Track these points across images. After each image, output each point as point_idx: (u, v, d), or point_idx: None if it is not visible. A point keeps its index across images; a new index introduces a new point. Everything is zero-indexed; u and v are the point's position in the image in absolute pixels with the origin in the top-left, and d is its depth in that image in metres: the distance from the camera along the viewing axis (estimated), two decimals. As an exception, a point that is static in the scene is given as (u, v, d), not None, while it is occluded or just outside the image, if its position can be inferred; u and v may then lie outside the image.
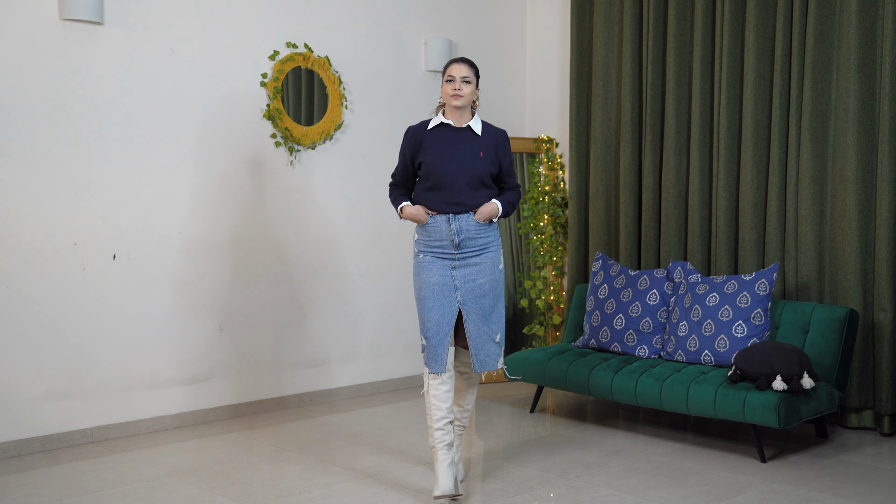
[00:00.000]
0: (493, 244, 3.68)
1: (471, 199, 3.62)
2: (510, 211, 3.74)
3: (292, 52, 5.00)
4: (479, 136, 3.68)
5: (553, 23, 5.99)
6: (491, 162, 3.66)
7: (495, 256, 3.68)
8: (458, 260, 3.62)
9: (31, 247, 4.17)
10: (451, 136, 3.66)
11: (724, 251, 4.97)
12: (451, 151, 3.64)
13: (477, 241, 3.64)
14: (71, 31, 4.25)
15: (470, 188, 3.62)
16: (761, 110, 4.82)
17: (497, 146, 3.70)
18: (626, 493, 3.62)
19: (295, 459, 4.08)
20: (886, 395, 4.39)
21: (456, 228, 3.60)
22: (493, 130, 3.74)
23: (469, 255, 3.63)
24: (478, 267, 3.63)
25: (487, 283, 3.63)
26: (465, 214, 3.62)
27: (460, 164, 3.61)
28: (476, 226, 3.63)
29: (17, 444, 4.15)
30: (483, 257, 3.65)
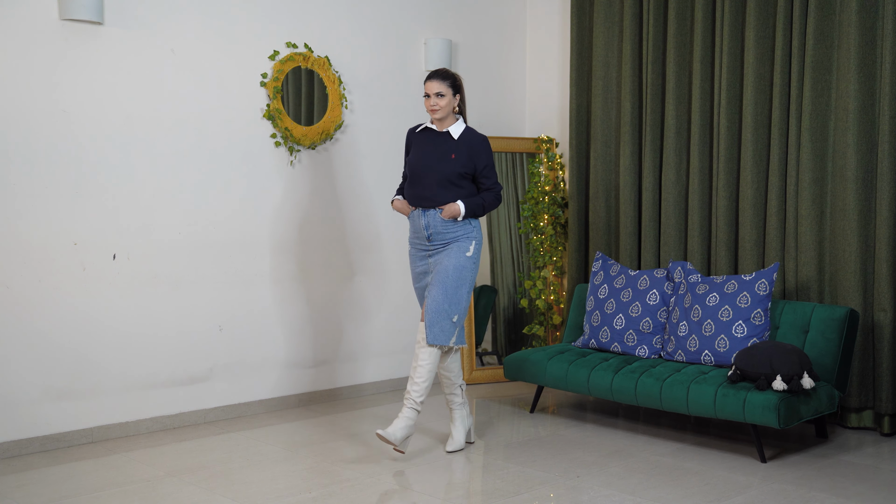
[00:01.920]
0: (463, 237, 4.07)
1: (438, 197, 4.07)
2: (479, 211, 4.10)
3: (292, 52, 5.00)
4: (454, 140, 4.10)
5: (553, 23, 5.99)
6: (463, 164, 4.06)
7: (463, 245, 4.06)
8: (431, 251, 4.11)
9: (31, 247, 4.17)
10: (432, 139, 4.14)
11: (724, 251, 4.97)
12: (428, 152, 4.12)
13: (446, 236, 4.08)
14: (71, 31, 4.25)
15: (439, 186, 4.06)
16: (761, 110, 4.82)
17: (472, 150, 4.09)
18: (626, 493, 3.62)
19: (295, 459, 4.08)
20: (886, 395, 4.39)
21: (425, 223, 4.10)
22: (471, 135, 4.12)
23: (440, 247, 4.09)
24: (445, 251, 4.08)
25: (451, 265, 4.02)
26: (434, 210, 4.08)
27: (433, 164, 4.08)
28: (442, 222, 4.07)
29: (17, 444, 4.15)
30: (454, 244, 4.07)
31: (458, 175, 4.07)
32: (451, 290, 4.01)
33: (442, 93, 4.05)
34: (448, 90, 4.06)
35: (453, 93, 4.08)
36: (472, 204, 4.08)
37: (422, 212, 4.11)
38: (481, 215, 4.15)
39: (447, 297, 4.00)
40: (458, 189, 4.08)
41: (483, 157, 4.11)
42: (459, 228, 4.08)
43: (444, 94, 4.05)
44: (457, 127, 4.13)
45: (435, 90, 4.05)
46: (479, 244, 4.12)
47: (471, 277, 4.08)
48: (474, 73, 5.88)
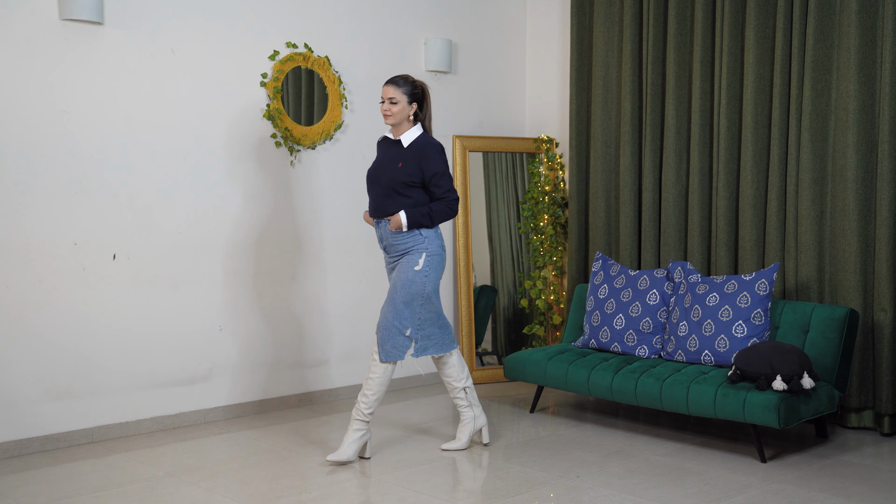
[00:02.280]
0: (414, 248, 3.98)
1: (386, 207, 4.01)
2: (426, 221, 3.98)
3: (292, 52, 5.00)
4: (404, 148, 4.01)
5: (553, 23, 5.99)
6: (409, 172, 3.95)
7: (413, 259, 3.97)
8: (390, 262, 4.08)
9: (31, 247, 4.17)
10: (387, 148, 4.09)
11: (724, 251, 4.97)
12: (380, 161, 4.08)
13: (398, 247, 4.01)
14: (71, 31, 4.25)
15: (385, 197, 4.00)
16: (761, 110, 4.82)
17: (421, 157, 3.97)
18: (626, 493, 3.62)
19: (295, 459, 4.08)
20: (886, 395, 4.39)
21: (379, 235, 4.07)
22: (422, 142, 4.01)
23: (396, 257, 4.04)
24: (399, 265, 4.02)
25: (400, 281, 3.97)
26: (385, 221, 4.03)
27: (380, 174, 4.03)
28: (392, 233, 4.00)
29: (17, 444, 4.15)
30: (405, 258, 4.00)
31: (403, 184, 3.96)
32: (399, 305, 3.95)
33: (395, 99, 3.97)
34: (402, 97, 3.97)
35: (409, 100, 3.99)
36: (416, 214, 3.95)
37: (377, 223, 4.06)
38: (430, 226, 4.00)
39: (396, 313, 3.95)
40: (403, 198, 3.97)
41: (433, 164, 3.97)
42: (409, 240, 3.98)
43: (397, 100, 3.97)
44: (409, 134, 4.03)
45: (388, 95, 3.98)
46: (431, 256, 4.00)
47: (421, 292, 3.98)
48: (474, 73, 5.88)
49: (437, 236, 4.05)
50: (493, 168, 5.89)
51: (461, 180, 5.70)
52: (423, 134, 4.05)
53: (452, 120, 5.77)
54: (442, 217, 4.01)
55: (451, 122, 5.77)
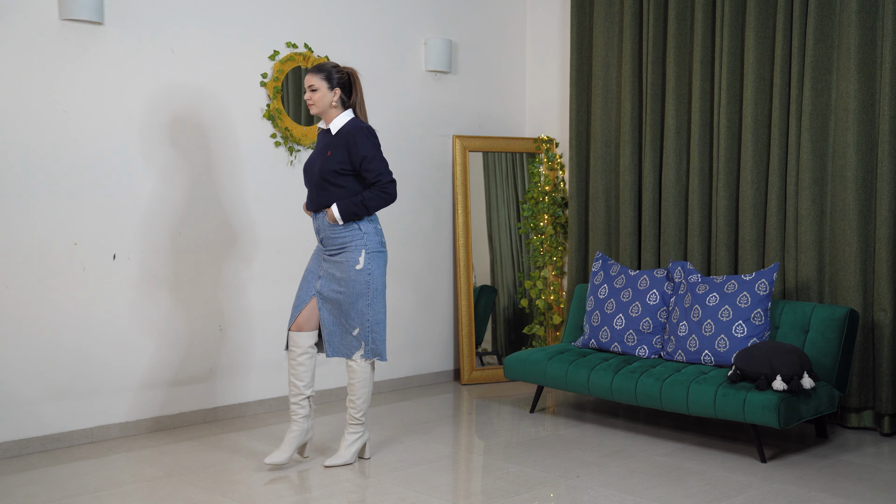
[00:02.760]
0: (351, 244, 3.84)
1: (320, 198, 3.86)
2: (360, 211, 3.81)
3: (292, 52, 5.00)
4: (333, 136, 3.87)
5: (553, 23, 5.99)
6: (339, 160, 3.80)
7: (352, 257, 3.84)
8: (325, 254, 3.91)
9: (31, 247, 4.17)
10: (320, 139, 3.95)
11: (724, 251, 4.97)
12: (314, 153, 3.95)
13: (335, 241, 3.86)
14: (71, 31, 4.25)
15: (318, 188, 3.86)
16: (761, 110, 4.82)
17: (349, 143, 3.80)
18: (626, 493, 3.62)
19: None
20: (886, 395, 4.39)
21: (316, 227, 3.92)
22: (351, 127, 3.84)
23: (333, 252, 3.88)
24: (337, 264, 3.86)
25: (344, 280, 3.84)
26: (322, 214, 3.88)
27: (312, 165, 3.90)
28: (329, 226, 3.86)
29: (17, 444, 4.15)
30: (342, 256, 3.86)
31: (334, 173, 3.80)
32: (345, 306, 3.84)
33: (314, 86, 3.82)
34: (322, 83, 3.82)
35: (329, 86, 3.82)
36: (348, 206, 3.79)
37: (314, 215, 3.93)
38: (367, 214, 3.84)
39: (342, 313, 3.86)
40: (336, 188, 3.81)
41: (361, 147, 3.78)
42: (346, 234, 3.84)
43: (316, 87, 3.82)
44: (338, 121, 3.87)
45: (308, 84, 3.84)
46: (371, 252, 3.86)
47: (366, 290, 3.85)
48: (474, 73, 5.88)
49: (377, 232, 3.90)
50: (493, 168, 5.89)
51: (461, 180, 5.70)
52: (353, 119, 3.88)
53: (452, 120, 5.78)
54: (377, 204, 3.82)
55: (451, 122, 5.77)
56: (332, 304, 3.87)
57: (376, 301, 3.89)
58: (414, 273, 5.60)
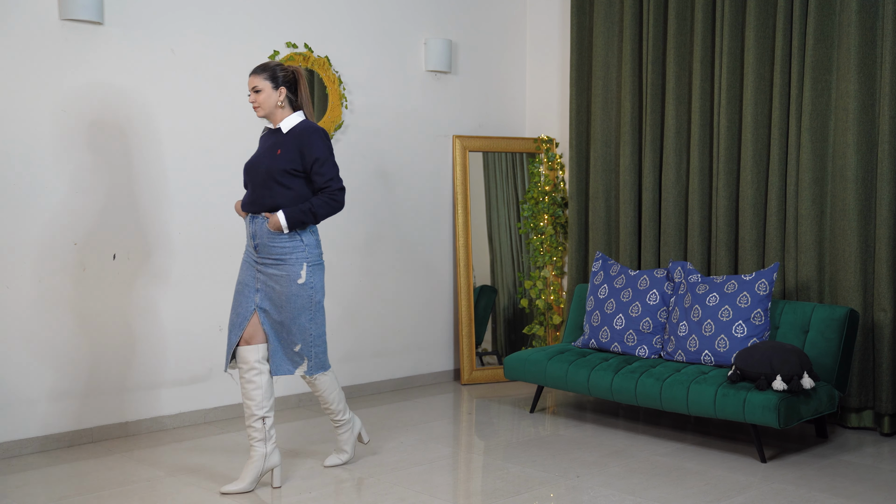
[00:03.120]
0: (292, 256, 3.61)
1: (264, 199, 3.62)
2: (308, 219, 3.60)
3: (292, 52, 5.00)
4: (283, 135, 3.67)
5: (553, 23, 5.99)
6: (289, 160, 3.60)
7: (293, 270, 3.61)
8: (259, 263, 3.65)
9: (31, 247, 4.17)
10: (266, 137, 3.75)
11: (724, 251, 4.97)
12: (259, 151, 3.73)
13: (273, 250, 3.62)
14: (71, 31, 4.25)
15: (263, 187, 3.62)
16: (761, 110, 4.82)
17: (301, 142, 3.62)
18: (626, 493, 3.62)
19: (295, 459, 4.08)
20: (886, 395, 4.39)
21: (252, 231, 3.66)
22: (303, 127, 3.66)
23: (269, 263, 3.63)
24: (276, 277, 3.63)
25: (285, 295, 3.62)
26: (261, 218, 3.63)
27: (258, 163, 3.67)
28: (269, 233, 3.61)
29: (17, 444, 4.15)
30: (282, 269, 3.62)
31: (284, 172, 3.59)
32: (287, 322, 3.63)
33: (258, 87, 3.65)
34: (266, 83, 3.64)
35: (274, 86, 3.65)
36: (296, 213, 3.57)
37: (251, 218, 3.67)
38: (315, 223, 3.64)
39: (283, 329, 3.65)
40: (284, 189, 3.60)
41: (314, 149, 3.60)
42: (287, 244, 3.61)
43: (260, 88, 3.64)
44: (289, 120, 3.69)
45: (251, 85, 3.67)
46: (312, 265, 3.65)
47: (308, 305, 3.64)
48: (474, 73, 5.88)
49: (318, 244, 3.71)
50: (493, 168, 5.89)
51: (461, 180, 5.71)
52: (306, 120, 3.72)
53: (452, 120, 5.78)
54: (326, 212, 3.63)
55: (451, 122, 5.77)
56: (274, 319, 3.65)
57: (318, 315, 3.70)
58: (414, 273, 5.60)
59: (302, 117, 3.72)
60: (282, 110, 3.70)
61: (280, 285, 3.62)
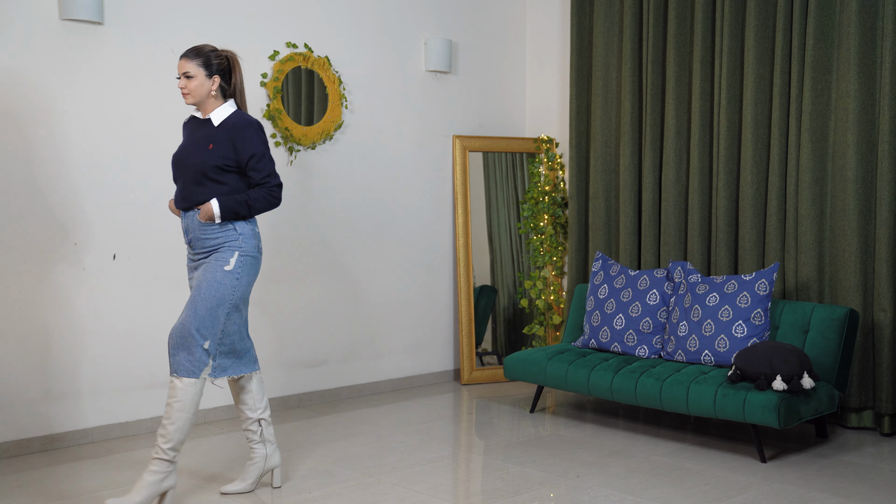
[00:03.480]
0: (225, 246, 3.40)
1: (195, 195, 3.42)
2: (243, 211, 3.40)
3: (292, 52, 5.01)
4: (214, 127, 3.46)
5: (553, 23, 5.99)
6: (223, 154, 3.39)
7: (223, 255, 3.38)
8: (195, 261, 3.48)
9: (31, 247, 4.17)
10: (195, 129, 3.52)
11: (724, 251, 4.97)
12: (188, 144, 3.50)
13: (206, 243, 3.41)
14: (71, 31, 4.25)
15: (193, 183, 3.42)
16: (761, 110, 4.82)
17: (234, 136, 3.41)
18: (626, 493, 3.62)
19: (295, 459, 4.08)
20: (886, 395, 4.39)
21: (184, 227, 3.47)
22: (236, 120, 3.45)
23: (202, 257, 3.44)
24: (204, 265, 3.42)
25: (206, 280, 3.36)
26: (193, 212, 3.43)
27: (187, 157, 3.46)
28: (200, 225, 3.40)
29: (17, 444, 4.15)
30: (212, 256, 3.41)
31: (216, 168, 3.39)
32: (201, 310, 3.32)
33: (190, 73, 3.41)
34: (199, 70, 3.41)
35: (207, 73, 3.42)
36: (230, 202, 3.38)
37: (183, 214, 3.47)
38: (249, 216, 3.43)
39: (196, 318, 3.32)
40: (216, 185, 3.40)
41: (249, 144, 3.40)
42: (220, 234, 3.39)
43: (192, 74, 3.41)
44: (220, 111, 3.47)
45: (182, 70, 3.42)
46: (245, 255, 3.42)
47: (231, 296, 3.36)
48: (474, 73, 5.88)
49: (254, 235, 3.48)
50: (493, 168, 5.89)
51: (461, 180, 5.70)
52: (238, 111, 3.50)
53: (452, 120, 5.78)
54: (262, 206, 3.44)
55: (451, 122, 5.77)
56: (188, 308, 3.36)
57: (237, 311, 3.42)
58: (414, 273, 5.60)
59: (234, 108, 3.51)
60: (213, 100, 3.48)
61: (206, 272, 3.38)
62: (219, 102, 3.50)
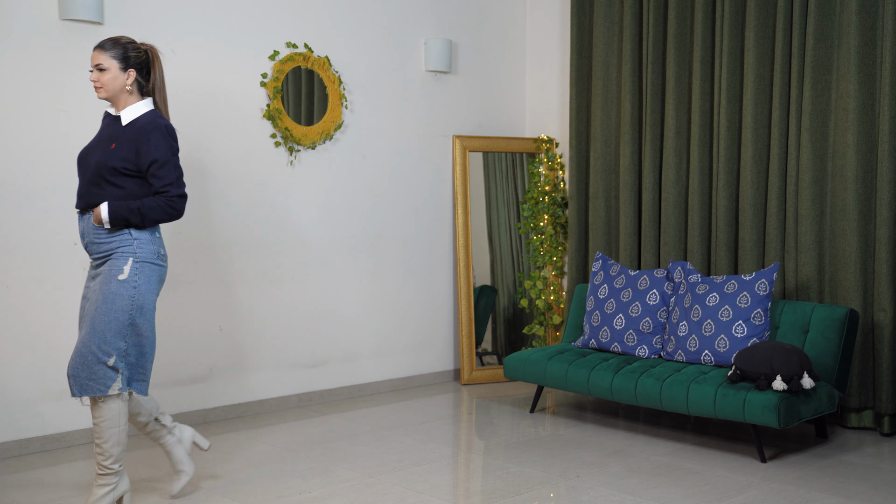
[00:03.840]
0: (118, 251, 3.19)
1: (91, 197, 3.22)
2: (135, 219, 3.18)
3: (292, 52, 5.00)
4: (122, 126, 3.26)
5: (553, 23, 5.99)
6: (123, 157, 3.19)
7: (115, 265, 3.17)
8: (93, 269, 3.28)
9: (31, 247, 4.17)
10: (106, 126, 3.33)
11: (724, 251, 4.97)
12: (94, 141, 3.32)
13: (100, 247, 3.21)
14: (71, 31, 4.25)
15: (91, 184, 3.23)
16: (761, 110, 4.82)
17: (139, 141, 3.20)
18: (626, 493, 3.62)
19: (295, 459, 4.08)
20: (886, 395, 4.39)
21: (81, 230, 3.28)
22: (145, 121, 3.24)
23: (99, 262, 3.24)
24: (100, 277, 3.22)
25: (101, 294, 3.17)
26: (89, 214, 3.24)
27: (89, 157, 3.27)
28: (94, 229, 3.21)
29: (17, 444, 4.15)
30: (105, 266, 3.21)
31: (113, 170, 3.18)
32: (99, 326, 3.13)
33: (103, 65, 3.22)
34: (112, 62, 3.22)
35: (122, 66, 3.23)
36: (121, 208, 3.16)
37: (79, 216, 3.28)
38: (142, 225, 3.20)
39: (95, 335, 3.13)
40: (113, 188, 3.19)
41: (154, 149, 3.18)
42: (114, 240, 3.19)
43: (105, 66, 3.22)
44: (132, 110, 3.27)
45: (95, 62, 3.24)
46: (142, 262, 3.20)
47: (129, 307, 3.16)
48: (474, 73, 5.88)
49: (154, 241, 3.27)
50: (493, 168, 5.89)
51: (461, 180, 5.70)
52: (152, 112, 3.29)
53: (452, 120, 5.78)
54: (158, 216, 3.21)
55: (451, 122, 5.77)
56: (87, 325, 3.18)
57: (140, 322, 3.20)
58: (414, 273, 5.60)
59: (149, 107, 3.31)
60: (128, 96, 3.28)
61: (101, 284, 3.18)
62: (134, 99, 3.30)
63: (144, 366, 3.25)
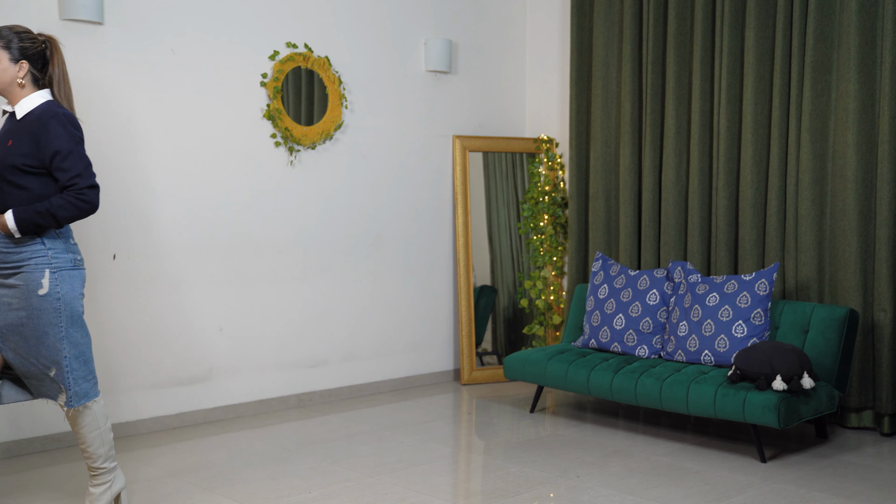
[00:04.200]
0: (30, 263, 2.97)
1: None
2: (45, 221, 2.94)
3: (292, 52, 5.01)
4: (17, 121, 3.03)
5: (553, 23, 5.99)
6: (23, 153, 2.95)
7: (33, 279, 2.96)
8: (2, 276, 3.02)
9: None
10: (6, 123, 3.10)
11: (724, 251, 4.97)
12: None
13: (10, 258, 2.98)
14: (71, 31, 4.25)
15: None
16: (761, 110, 4.82)
17: (38, 132, 2.96)
18: (626, 493, 3.62)
19: (295, 459, 4.08)
20: (886, 395, 4.39)
21: None
22: (41, 113, 3.00)
23: (7, 275, 3.00)
24: (13, 290, 2.99)
25: (25, 311, 2.98)
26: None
27: None
28: (2, 237, 2.97)
29: (17, 444, 4.15)
30: (18, 279, 2.99)
31: (14, 169, 2.95)
32: (33, 342, 2.98)
33: None
34: (2, 53, 2.99)
35: (11, 58, 3.00)
36: (29, 213, 2.92)
37: None
38: (56, 226, 2.99)
39: (34, 351, 3.00)
40: (15, 190, 2.97)
41: (54, 139, 2.94)
42: (24, 250, 2.96)
43: None
44: (26, 103, 3.03)
45: None
46: (59, 272, 3.00)
47: (56, 320, 2.98)
48: (474, 73, 5.88)
49: (68, 247, 3.05)
50: (493, 168, 5.89)
51: (461, 180, 5.70)
52: (48, 102, 3.04)
53: (452, 120, 5.78)
54: (69, 213, 2.96)
55: (451, 122, 5.77)
56: (16, 342, 3.02)
57: (73, 331, 3.03)
58: (414, 273, 5.60)
59: (45, 97, 3.06)
60: (21, 89, 3.04)
61: (20, 299, 2.98)
62: (28, 92, 3.05)
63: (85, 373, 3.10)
